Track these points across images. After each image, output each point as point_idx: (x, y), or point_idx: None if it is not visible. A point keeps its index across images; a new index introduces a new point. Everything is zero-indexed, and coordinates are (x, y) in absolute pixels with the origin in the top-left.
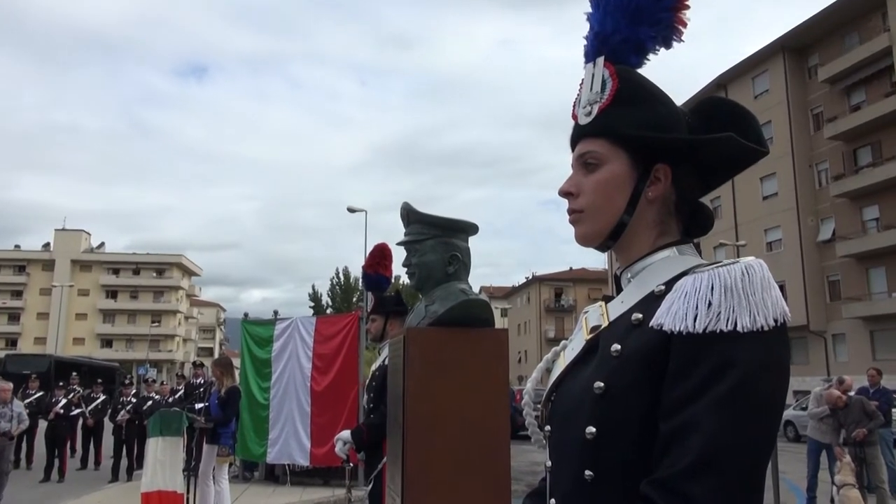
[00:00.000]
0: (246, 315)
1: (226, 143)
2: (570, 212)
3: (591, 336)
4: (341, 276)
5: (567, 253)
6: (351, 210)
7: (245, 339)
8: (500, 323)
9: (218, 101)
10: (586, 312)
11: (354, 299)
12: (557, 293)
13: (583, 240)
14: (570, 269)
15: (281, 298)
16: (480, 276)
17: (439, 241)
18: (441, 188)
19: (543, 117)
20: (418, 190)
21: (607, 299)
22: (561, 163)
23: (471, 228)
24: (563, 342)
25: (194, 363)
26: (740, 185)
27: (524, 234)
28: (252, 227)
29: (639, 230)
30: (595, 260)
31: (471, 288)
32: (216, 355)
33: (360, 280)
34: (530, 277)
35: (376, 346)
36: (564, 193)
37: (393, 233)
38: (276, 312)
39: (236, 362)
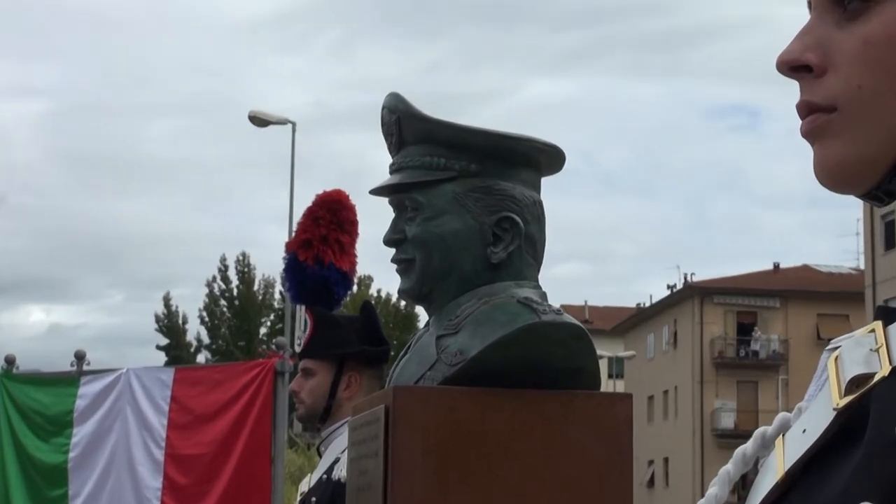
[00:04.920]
0: (10, 362)
1: None
2: (807, 109)
3: (848, 401)
4: (232, 274)
5: (767, 231)
6: (258, 121)
7: (7, 418)
8: (606, 386)
9: None
10: (835, 350)
11: (263, 331)
12: (744, 324)
13: (833, 174)
14: (776, 266)
15: (95, 326)
16: (560, 281)
17: (471, 184)
18: (477, 73)
19: None
20: (424, 75)
21: (889, 316)
22: (768, 15)
23: (546, 158)
24: (780, 417)
25: None
26: None
27: (667, 184)
28: (33, 160)
29: None
30: (834, 247)
31: (545, 298)
32: None
33: (280, 280)
34: (679, 287)
35: (314, 439)
36: (793, 67)
37: (359, 176)
38: (80, 357)
39: None
